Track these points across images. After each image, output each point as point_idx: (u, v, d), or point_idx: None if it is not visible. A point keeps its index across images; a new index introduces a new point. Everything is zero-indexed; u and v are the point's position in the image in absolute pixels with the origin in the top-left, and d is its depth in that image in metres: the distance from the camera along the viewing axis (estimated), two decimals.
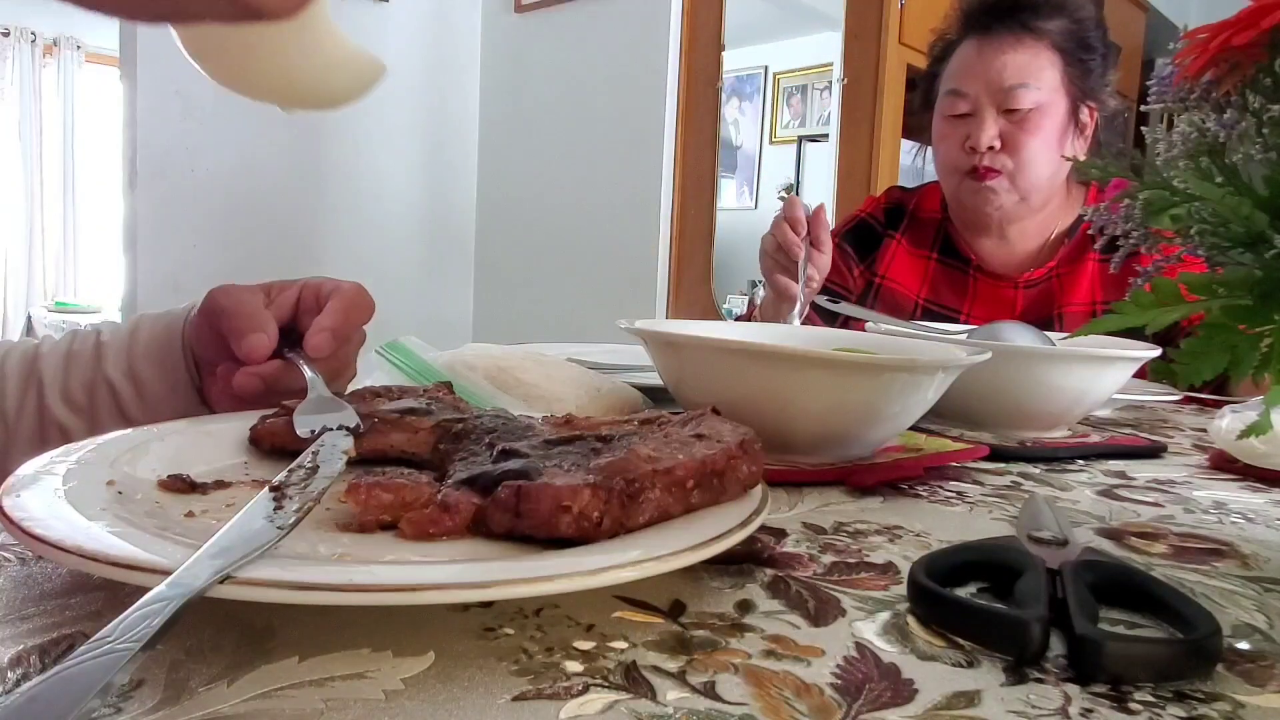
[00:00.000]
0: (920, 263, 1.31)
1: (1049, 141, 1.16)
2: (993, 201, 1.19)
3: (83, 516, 0.32)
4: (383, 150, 2.92)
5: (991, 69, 1.16)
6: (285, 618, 0.30)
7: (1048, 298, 1.23)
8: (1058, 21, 1.16)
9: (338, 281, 0.59)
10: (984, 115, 1.17)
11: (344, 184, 2.83)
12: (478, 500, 0.36)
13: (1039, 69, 1.15)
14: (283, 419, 0.47)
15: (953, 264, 1.29)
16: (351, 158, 2.85)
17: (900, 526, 0.46)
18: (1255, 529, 0.49)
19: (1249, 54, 0.38)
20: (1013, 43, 1.16)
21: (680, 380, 0.61)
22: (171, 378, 0.61)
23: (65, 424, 0.61)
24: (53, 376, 0.62)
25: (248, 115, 2.55)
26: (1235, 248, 0.39)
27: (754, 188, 4.73)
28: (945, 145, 1.23)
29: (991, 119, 1.16)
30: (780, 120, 4.61)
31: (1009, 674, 0.29)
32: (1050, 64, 1.16)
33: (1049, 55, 1.16)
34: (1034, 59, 1.15)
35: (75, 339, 0.64)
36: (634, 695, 0.26)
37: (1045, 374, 0.70)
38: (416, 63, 2.98)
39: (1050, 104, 1.16)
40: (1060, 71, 1.16)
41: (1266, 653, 0.32)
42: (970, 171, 1.19)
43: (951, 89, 1.20)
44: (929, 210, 1.33)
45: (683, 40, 2.65)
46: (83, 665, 0.22)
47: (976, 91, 1.17)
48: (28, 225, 5.45)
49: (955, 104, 1.19)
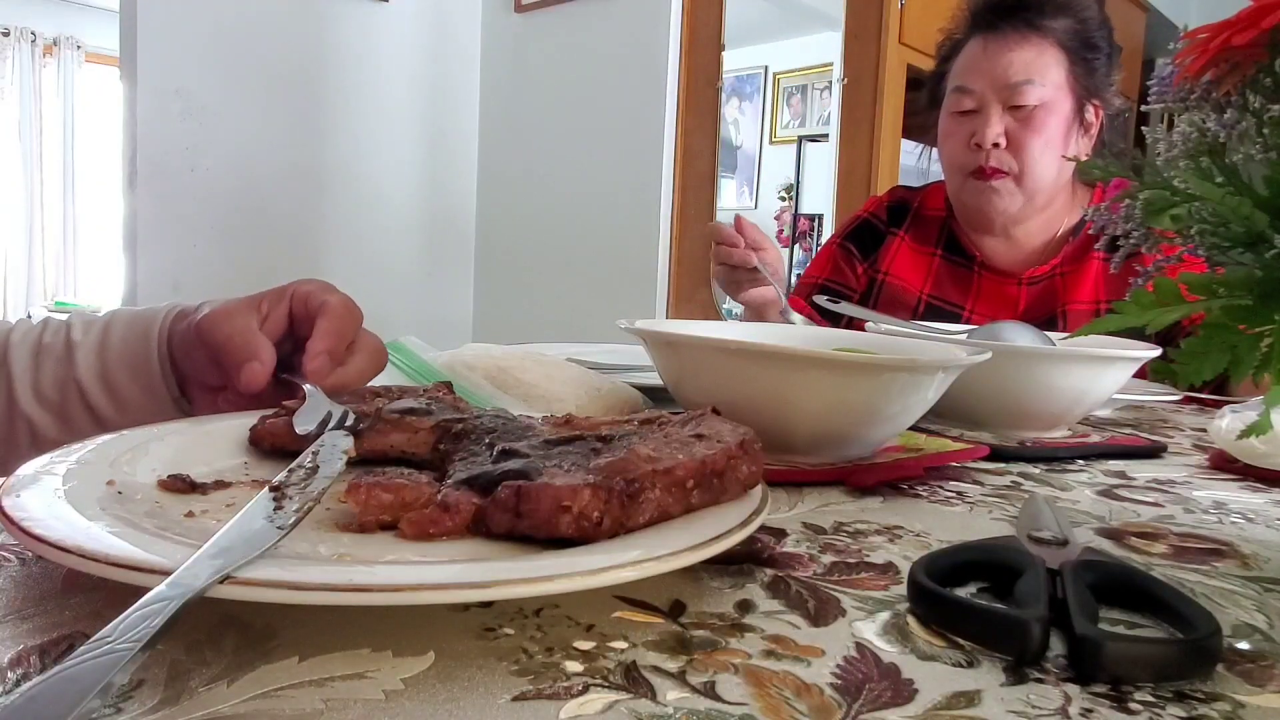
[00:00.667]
0: (924, 259, 1.32)
1: (1053, 140, 1.17)
2: (996, 203, 1.20)
3: (83, 516, 0.32)
4: (383, 150, 2.92)
5: (997, 65, 1.17)
6: (285, 618, 0.30)
7: (1051, 295, 1.23)
8: (1063, 20, 1.17)
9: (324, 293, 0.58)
10: (989, 112, 1.17)
11: (344, 184, 2.83)
12: (478, 500, 0.36)
13: (1044, 66, 1.16)
14: (283, 419, 0.47)
15: (957, 261, 1.30)
16: (351, 158, 2.85)
17: (900, 526, 0.46)
18: (1255, 529, 0.49)
19: (1249, 54, 0.38)
20: (1018, 40, 1.16)
21: (680, 380, 0.61)
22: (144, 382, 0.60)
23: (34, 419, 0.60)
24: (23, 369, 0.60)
25: (248, 115, 2.55)
26: (1235, 248, 0.39)
27: (754, 188, 4.73)
28: (950, 142, 1.23)
29: (997, 116, 1.17)
30: (780, 120, 4.62)
31: (1009, 674, 0.29)
32: (1055, 61, 1.16)
33: (1054, 53, 1.16)
34: (1039, 56, 1.16)
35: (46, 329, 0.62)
36: (634, 695, 0.26)
37: (1045, 374, 0.70)
38: (416, 63, 2.98)
39: (1055, 101, 1.16)
40: (1065, 70, 1.17)
41: (1266, 653, 0.32)
42: (975, 171, 1.19)
43: (957, 86, 1.21)
44: (933, 209, 1.33)
45: (683, 40, 2.65)
46: (83, 665, 0.22)
47: (982, 88, 1.18)
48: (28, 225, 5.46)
49: (961, 100, 1.20)
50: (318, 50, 2.75)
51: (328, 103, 2.78)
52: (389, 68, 2.91)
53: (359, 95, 2.84)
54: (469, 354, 0.71)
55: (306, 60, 2.72)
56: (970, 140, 1.19)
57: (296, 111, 2.71)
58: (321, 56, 2.76)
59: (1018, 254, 1.26)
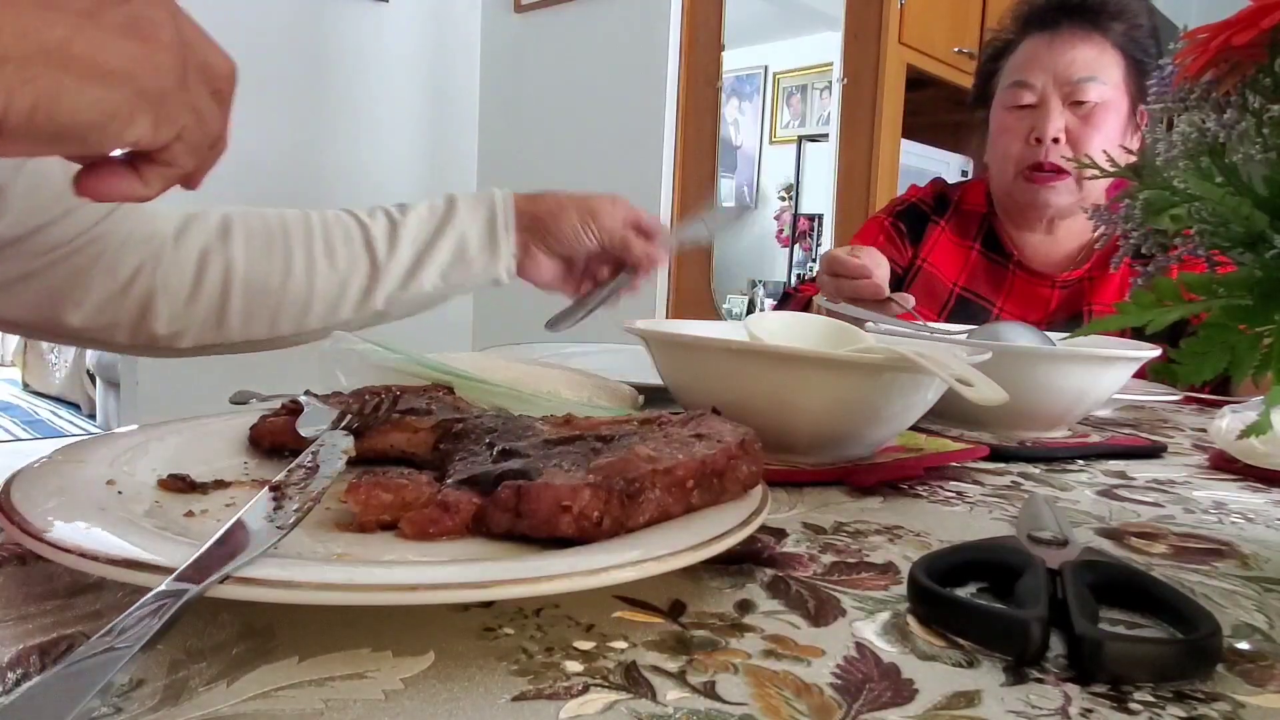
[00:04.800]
0: (962, 252, 1.32)
1: (1112, 138, 1.18)
2: (1052, 199, 1.20)
3: (82, 517, 0.32)
4: (383, 150, 2.92)
5: (1060, 61, 1.18)
6: (285, 618, 0.30)
7: (1079, 296, 1.25)
8: (1120, 23, 1.19)
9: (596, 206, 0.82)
10: (1050, 106, 1.18)
11: (344, 184, 2.83)
12: (478, 500, 0.36)
13: (1106, 65, 1.17)
14: (283, 418, 0.47)
15: (994, 257, 1.31)
16: (351, 157, 2.85)
17: (900, 526, 0.46)
18: (1255, 529, 0.49)
19: (1249, 54, 0.38)
20: (1082, 37, 1.18)
21: (680, 380, 0.61)
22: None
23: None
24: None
25: (248, 115, 2.55)
26: (1235, 248, 0.39)
27: (754, 188, 4.73)
28: (1007, 137, 1.23)
29: (1058, 111, 1.18)
30: (780, 120, 4.61)
31: (1009, 674, 0.29)
32: (1115, 63, 1.18)
33: (1114, 54, 1.18)
34: (1101, 54, 1.17)
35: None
36: (634, 695, 0.26)
37: (1045, 374, 0.70)
38: (416, 63, 2.98)
39: (1114, 101, 1.17)
40: (1123, 71, 1.18)
41: (1266, 653, 0.32)
42: (1033, 167, 1.20)
43: (1017, 80, 1.21)
44: (973, 204, 1.34)
45: (683, 40, 2.65)
46: (83, 665, 0.22)
47: (1044, 83, 1.18)
48: None
49: (1020, 95, 1.20)
50: (318, 50, 2.74)
51: (328, 103, 2.78)
52: (389, 68, 2.90)
53: (359, 95, 2.84)
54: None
55: (306, 60, 2.72)
56: (1029, 135, 1.19)
57: (296, 111, 2.70)
58: (322, 56, 2.76)
59: (1056, 253, 1.27)
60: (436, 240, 0.80)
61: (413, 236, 0.80)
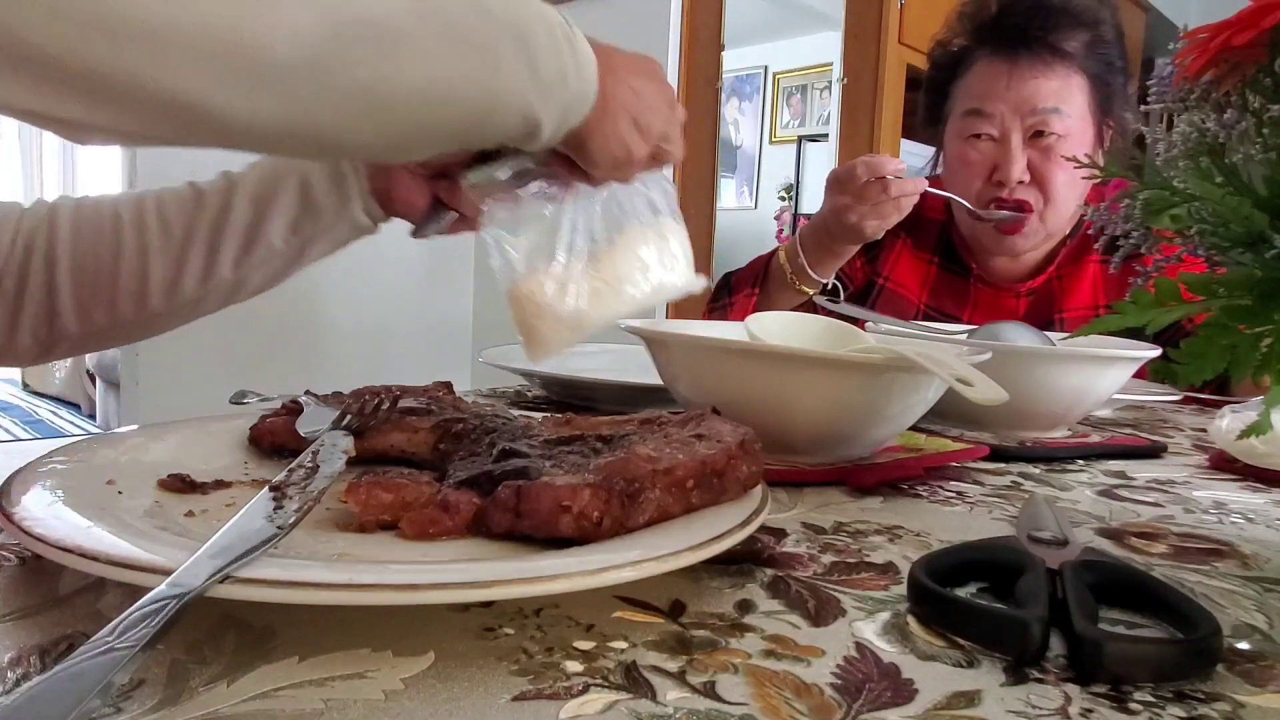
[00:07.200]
0: (922, 266, 1.28)
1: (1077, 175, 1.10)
2: (1019, 245, 1.16)
3: (82, 516, 0.32)
4: None
5: (1021, 94, 1.11)
6: (285, 618, 0.30)
7: (1048, 301, 1.20)
8: (1080, 36, 1.12)
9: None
10: (1011, 143, 1.12)
11: None
12: (478, 500, 0.36)
13: (1070, 94, 1.11)
14: (283, 418, 0.47)
15: (953, 270, 1.27)
16: None
17: (900, 526, 0.45)
18: (1255, 529, 0.49)
19: (1249, 54, 0.38)
20: (1043, 68, 1.11)
21: (680, 380, 0.61)
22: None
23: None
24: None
25: None
26: (1235, 248, 0.39)
27: (754, 188, 4.73)
28: (967, 172, 1.16)
29: (1019, 149, 1.12)
30: (780, 120, 4.62)
31: (1009, 674, 0.29)
32: (1079, 88, 1.12)
33: (1077, 79, 1.12)
34: (1064, 85, 1.11)
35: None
36: (634, 695, 0.26)
37: (1045, 374, 0.70)
38: None
39: (1078, 132, 1.12)
40: (1087, 94, 1.13)
41: (1266, 653, 0.32)
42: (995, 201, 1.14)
43: (973, 109, 1.15)
44: (932, 210, 1.27)
45: (683, 40, 2.65)
46: (83, 665, 0.22)
47: (1002, 113, 1.12)
48: None
49: (978, 124, 1.14)
50: None
51: None
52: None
53: None
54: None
55: None
56: (990, 175, 1.14)
57: None
58: None
59: (1018, 269, 1.23)
60: (275, 190, 0.72)
61: (249, 191, 0.71)
